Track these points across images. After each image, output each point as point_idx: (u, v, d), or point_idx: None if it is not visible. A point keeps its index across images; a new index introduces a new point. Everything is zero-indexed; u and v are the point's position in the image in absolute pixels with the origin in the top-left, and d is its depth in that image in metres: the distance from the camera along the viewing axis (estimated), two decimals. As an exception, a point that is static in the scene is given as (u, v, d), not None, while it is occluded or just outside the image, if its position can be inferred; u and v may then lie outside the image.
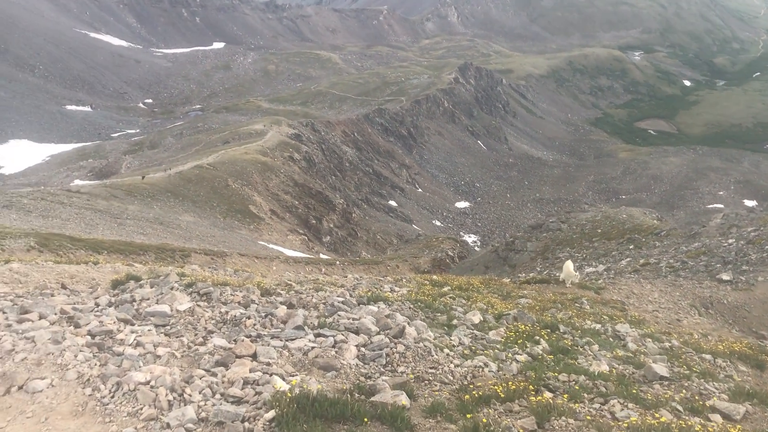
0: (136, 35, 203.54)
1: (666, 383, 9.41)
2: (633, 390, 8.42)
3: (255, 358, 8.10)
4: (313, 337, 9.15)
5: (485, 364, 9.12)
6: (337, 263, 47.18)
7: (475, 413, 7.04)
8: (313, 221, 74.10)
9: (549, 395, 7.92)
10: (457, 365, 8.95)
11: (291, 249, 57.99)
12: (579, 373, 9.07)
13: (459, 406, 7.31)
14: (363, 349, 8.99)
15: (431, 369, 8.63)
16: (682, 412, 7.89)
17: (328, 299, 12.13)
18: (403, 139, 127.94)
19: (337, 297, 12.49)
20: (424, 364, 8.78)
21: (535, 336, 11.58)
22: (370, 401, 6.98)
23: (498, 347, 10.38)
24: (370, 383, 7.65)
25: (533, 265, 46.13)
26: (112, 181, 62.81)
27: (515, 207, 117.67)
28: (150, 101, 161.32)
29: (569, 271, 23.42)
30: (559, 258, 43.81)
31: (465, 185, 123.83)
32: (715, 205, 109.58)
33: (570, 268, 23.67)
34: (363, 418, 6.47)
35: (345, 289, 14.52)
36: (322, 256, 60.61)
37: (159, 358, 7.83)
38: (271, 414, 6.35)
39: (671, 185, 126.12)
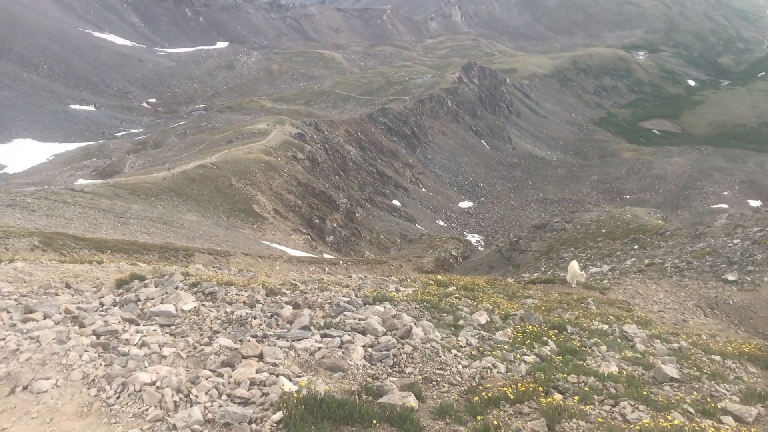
0: (139, 35, 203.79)
1: (676, 385, 9.29)
2: (643, 392, 8.32)
3: (261, 358, 8.02)
4: (320, 338, 9.07)
5: (493, 365, 9.03)
6: (341, 263, 47.14)
7: (485, 415, 6.96)
8: (317, 221, 74.05)
9: (559, 397, 7.83)
10: (465, 366, 8.85)
11: (294, 248, 57.96)
12: (588, 375, 8.97)
13: (468, 407, 7.22)
14: (370, 350, 8.92)
15: (439, 370, 8.53)
16: (693, 414, 7.80)
17: (333, 299, 12.05)
18: (407, 139, 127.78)
19: (343, 297, 12.41)
20: (431, 364, 8.70)
21: (543, 337, 11.50)
22: (378, 402, 6.90)
23: (506, 348, 10.30)
24: (377, 384, 7.56)
25: (537, 265, 46.01)
26: (115, 181, 62.87)
27: (519, 207, 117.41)
28: (154, 101, 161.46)
29: (575, 271, 23.31)
30: (564, 258, 43.68)
31: (468, 185, 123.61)
32: (720, 206, 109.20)
33: (575, 268, 23.56)
34: (371, 419, 6.38)
35: (350, 289, 14.45)
36: (325, 255, 60.55)
37: (164, 358, 7.76)
38: (279, 415, 6.27)
39: (675, 185, 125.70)
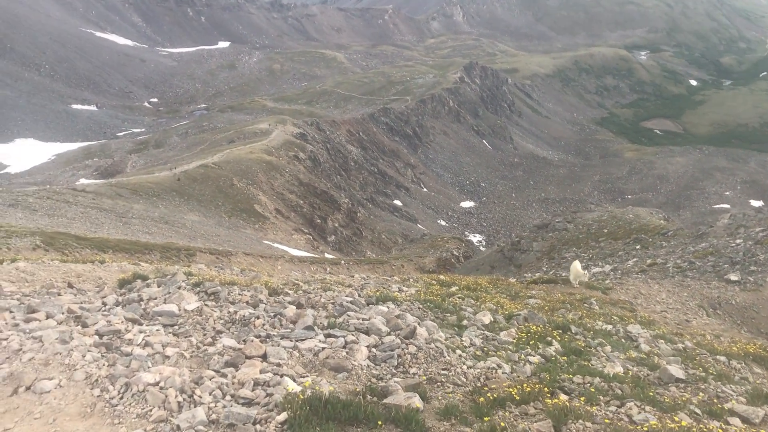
0: (141, 34, 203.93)
1: (682, 386, 9.23)
2: (649, 392, 8.26)
3: (265, 358, 7.97)
4: (323, 338, 9.03)
5: (498, 365, 8.98)
6: (342, 263, 47.09)
7: (491, 416, 6.90)
8: (318, 221, 74.01)
9: (565, 398, 7.77)
10: (470, 367, 8.80)
11: (296, 248, 57.94)
12: (594, 375, 8.91)
13: (473, 408, 7.17)
14: (374, 350, 8.87)
15: (443, 370, 8.48)
16: (700, 415, 7.73)
17: (336, 299, 12.02)
18: (408, 139, 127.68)
19: (346, 297, 12.37)
20: (436, 365, 8.65)
21: (547, 337, 11.43)
22: (382, 403, 6.84)
23: (510, 348, 10.24)
24: (382, 385, 7.50)
25: (539, 265, 45.97)
26: (117, 180, 62.86)
27: (520, 207, 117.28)
28: (155, 100, 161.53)
29: (578, 271, 23.24)
30: (566, 258, 43.63)
31: (470, 185, 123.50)
32: (722, 206, 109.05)
33: (578, 268, 23.49)
34: (377, 420, 6.32)
35: (353, 289, 14.41)
36: (326, 255, 60.52)
37: (168, 358, 7.72)
38: (283, 416, 6.22)
39: (677, 185, 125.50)
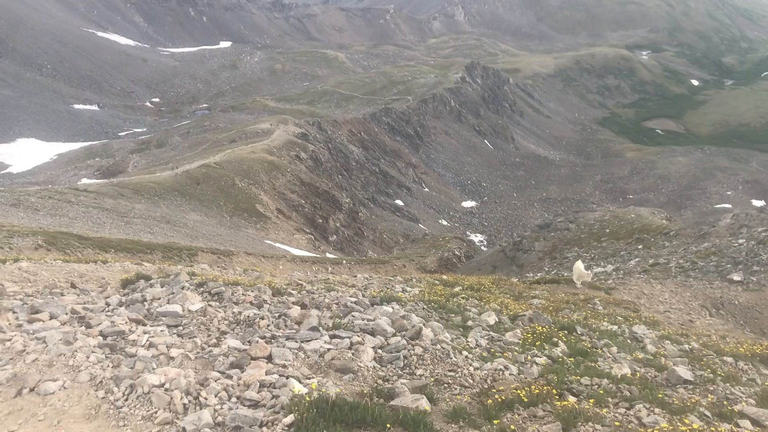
0: (143, 34, 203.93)
1: (690, 387, 9.14)
2: (658, 394, 8.18)
3: (270, 360, 7.89)
4: (329, 339, 8.95)
5: (505, 366, 8.91)
6: (344, 262, 47.05)
7: (500, 419, 6.82)
8: (320, 220, 73.96)
9: (573, 399, 7.70)
10: (477, 368, 8.73)
11: (297, 248, 57.91)
12: (602, 377, 8.84)
13: (481, 410, 7.09)
14: (380, 351, 8.80)
15: (450, 372, 8.41)
16: (710, 418, 7.64)
17: (340, 299, 11.96)
18: (410, 139, 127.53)
19: (350, 297, 12.32)
20: (442, 366, 8.57)
21: (553, 338, 11.35)
22: (389, 405, 6.76)
23: (516, 349, 10.17)
24: (388, 386, 7.42)
25: (541, 265, 45.94)
26: (119, 180, 62.83)
27: (522, 206, 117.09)
28: (157, 100, 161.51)
29: (581, 271, 23.18)
30: (567, 258, 43.59)
31: (471, 184, 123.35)
32: (723, 205, 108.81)
33: (581, 268, 23.43)
34: (385, 423, 6.23)
35: (357, 289, 14.37)
36: (328, 255, 60.49)
37: (172, 359, 7.64)
38: (290, 419, 6.13)
39: (679, 185, 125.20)
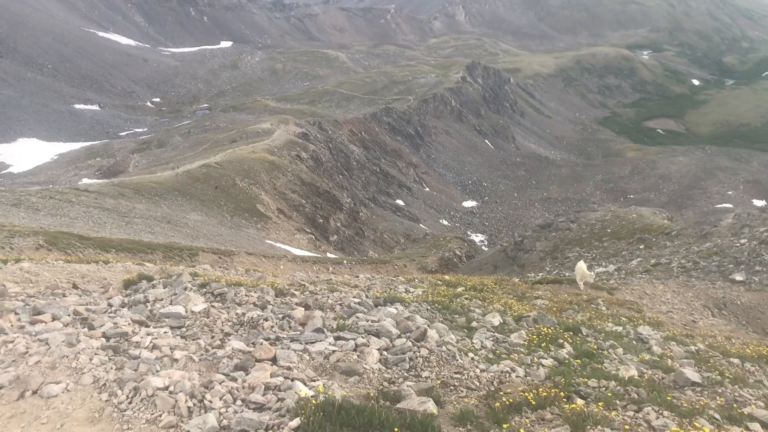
0: (144, 34, 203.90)
1: (698, 389, 9.05)
2: (667, 397, 8.09)
3: (275, 362, 7.78)
4: (333, 340, 8.86)
5: (512, 369, 8.81)
6: (345, 262, 46.98)
7: (508, 422, 6.73)
8: (321, 220, 73.88)
9: (581, 402, 7.60)
10: (483, 370, 8.64)
11: (298, 248, 57.83)
12: (609, 379, 8.75)
13: (489, 414, 7.00)
14: (385, 353, 8.70)
15: (456, 374, 8.32)
16: (720, 420, 7.55)
17: (344, 300, 11.89)
18: (411, 138, 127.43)
19: (353, 298, 12.25)
20: (448, 368, 8.48)
21: (558, 339, 11.26)
22: (396, 408, 6.67)
23: (522, 351, 10.08)
24: (394, 389, 7.32)
25: (542, 265, 45.87)
26: (120, 180, 62.77)
27: (523, 206, 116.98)
28: (158, 100, 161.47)
29: (583, 272, 23.04)
30: (569, 258, 43.50)
31: (472, 184, 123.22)
32: (724, 205, 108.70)
33: (584, 268, 23.31)
34: (392, 427, 6.11)
35: (360, 290, 14.30)
36: (329, 255, 60.42)
37: (176, 361, 7.55)
38: (296, 422, 6.03)
39: (680, 185, 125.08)
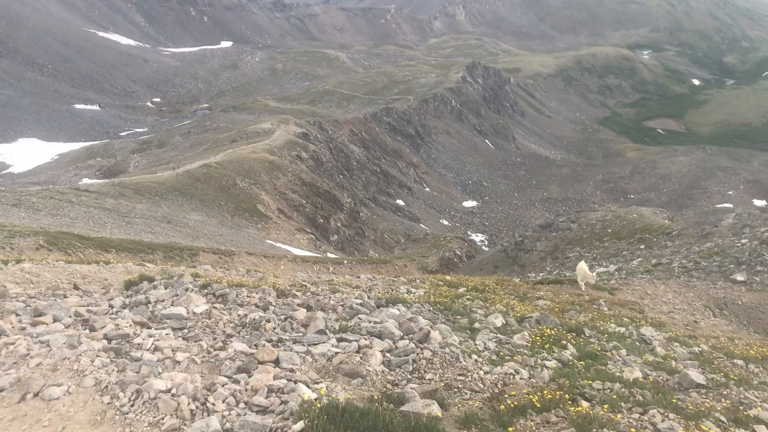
0: (144, 34, 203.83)
1: (703, 391, 8.99)
2: (672, 399, 8.02)
3: (278, 364, 7.71)
4: (336, 342, 8.79)
5: (516, 371, 8.75)
6: (345, 262, 46.96)
7: (513, 425, 6.66)
8: (321, 220, 73.83)
9: (586, 405, 7.54)
10: (487, 372, 8.57)
11: (298, 248, 57.78)
12: (614, 381, 8.68)
13: (494, 416, 6.93)
14: (388, 355, 8.63)
15: (460, 376, 8.25)
16: (726, 423, 7.48)
17: (345, 301, 11.84)
18: (411, 138, 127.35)
19: (355, 299, 12.20)
20: (452, 370, 8.41)
21: (562, 340, 11.19)
22: (400, 411, 6.60)
23: (526, 352, 10.02)
24: (398, 391, 7.25)
25: (543, 265, 45.80)
26: (120, 180, 62.72)
27: (523, 206, 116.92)
28: (158, 100, 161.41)
29: (585, 273, 22.95)
30: (569, 258, 43.44)
31: (472, 184, 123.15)
32: (725, 205, 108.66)
33: (585, 269, 23.22)
34: (396, 430, 6.04)
35: (361, 291, 14.23)
36: (329, 255, 60.37)
37: (178, 363, 7.49)
38: (300, 426, 5.96)
39: (680, 185, 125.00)
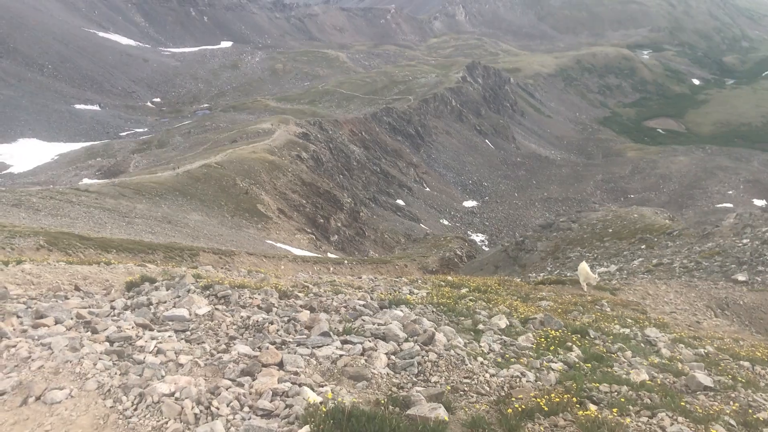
0: (144, 34, 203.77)
1: (711, 394, 8.91)
2: (680, 402, 7.93)
3: (282, 366, 7.62)
4: (340, 344, 8.69)
5: (522, 373, 8.66)
6: (346, 262, 46.91)
7: (521, 429, 6.58)
8: (321, 220, 73.75)
9: (594, 408, 7.44)
10: (493, 375, 8.48)
11: (299, 248, 57.71)
12: (621, 384, 8.59)
13: (500, 420, 6.84)
14: (393, 357, 8.52)
15: (466, 379, 8.15)
16: (735, 426, 7.40)
17: (348, 302, 11.75)
18: (411, 138, 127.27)
19: (358, 300, 12.11)
20: (458, 373, 8.31)
21: (567, 342, 11.09)
22: (406, 414, 6.50)
23: (531, 355, 9.93)
24: (403, 395, 7.14)
25: (543, 265, 45.72)
26: (120, 180, 62.64)
27: (523, 206, 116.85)
28: (158, 100, 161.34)
29: (587, 273, 22.84)
30: (570, 258, 43.37)
31: (473, 184, 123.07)
32: (725, 205, 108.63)
33: (587, 269, 23.10)
34: (404, 434, 5.94)
35: (364, 292, 14.14)
36: (329, 255, 60.29)
37: (181, 366, 7.40)
38: (305, 430, 5.87)
39: (680, 184, 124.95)
